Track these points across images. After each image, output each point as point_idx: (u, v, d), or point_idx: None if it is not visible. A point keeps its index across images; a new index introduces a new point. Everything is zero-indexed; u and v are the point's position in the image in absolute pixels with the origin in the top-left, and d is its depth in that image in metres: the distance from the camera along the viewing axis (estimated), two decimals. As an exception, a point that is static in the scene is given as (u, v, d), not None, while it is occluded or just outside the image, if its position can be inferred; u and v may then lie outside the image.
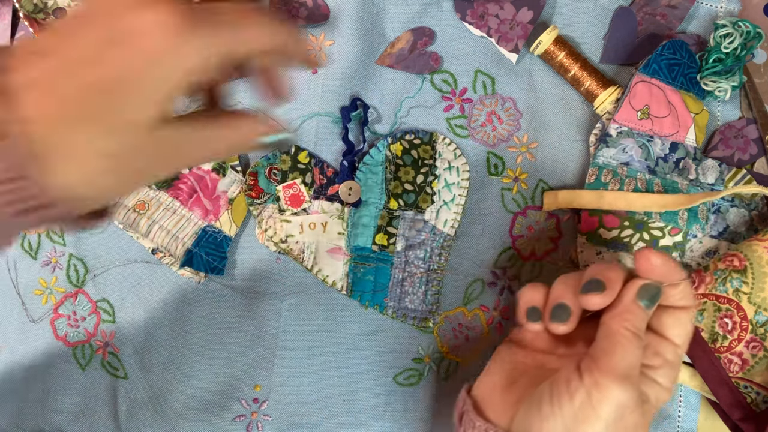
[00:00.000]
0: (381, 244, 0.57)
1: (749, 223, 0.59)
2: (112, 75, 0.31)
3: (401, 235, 0.57)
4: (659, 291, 0.43)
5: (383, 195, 0.57)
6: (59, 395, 0.58)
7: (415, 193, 0.57)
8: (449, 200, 0.58)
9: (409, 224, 0.57)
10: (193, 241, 0.59)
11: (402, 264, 0.57)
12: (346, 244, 0.57)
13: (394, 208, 0.57)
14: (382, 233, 0.57)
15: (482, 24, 0.60)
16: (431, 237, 0.57)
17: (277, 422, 0.59)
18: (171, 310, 0.59)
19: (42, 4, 0.59)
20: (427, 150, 0.58)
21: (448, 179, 0.58)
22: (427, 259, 0.57)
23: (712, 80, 0.59)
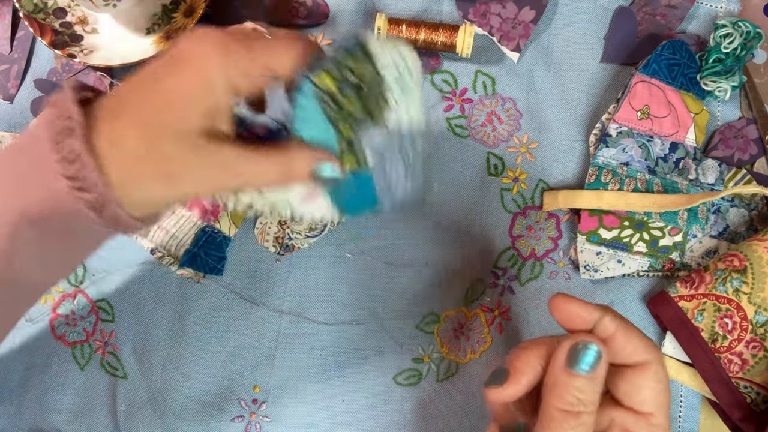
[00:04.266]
0: (353, 168, 0.48)
1: (749, 223, 0.59)
2: (163, 87, 0.38)
3: (367, 146, 0.47)
4: (593, 350, 0.36)
5: (332, 129, 0.47)
6: (58, 395, 0.58)
7: (371, 116, 0.47)
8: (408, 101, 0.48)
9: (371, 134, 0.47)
10: (192, 242, 0.58)
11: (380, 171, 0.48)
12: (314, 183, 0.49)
13: (347, 135, 0.47)
14: (348, 156, 0.47)
15: (484, 22, 0.60)
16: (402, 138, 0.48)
17: (276, 423, 0.58)
18: (170, 311, 0.59)
19: (42, 4, 0.59)
20: (363, 65, 0.46)
21: (399, 81, 0.47)
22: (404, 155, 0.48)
23: (712, 80, 0.59)
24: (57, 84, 0.61)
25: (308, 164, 0.42)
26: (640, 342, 0.37)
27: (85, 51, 0.58)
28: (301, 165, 0.42)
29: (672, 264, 0.59)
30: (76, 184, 0.37)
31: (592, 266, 0.58)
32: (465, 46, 0.58)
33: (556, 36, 0.62)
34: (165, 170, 0.38)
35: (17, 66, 0.61)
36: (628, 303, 0.59)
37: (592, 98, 0.61)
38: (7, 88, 0.61)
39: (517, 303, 0.59)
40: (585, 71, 0.61)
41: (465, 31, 0.58)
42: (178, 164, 0.38)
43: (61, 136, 0.37)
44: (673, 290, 0.57)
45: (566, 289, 0.60)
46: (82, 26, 0.60)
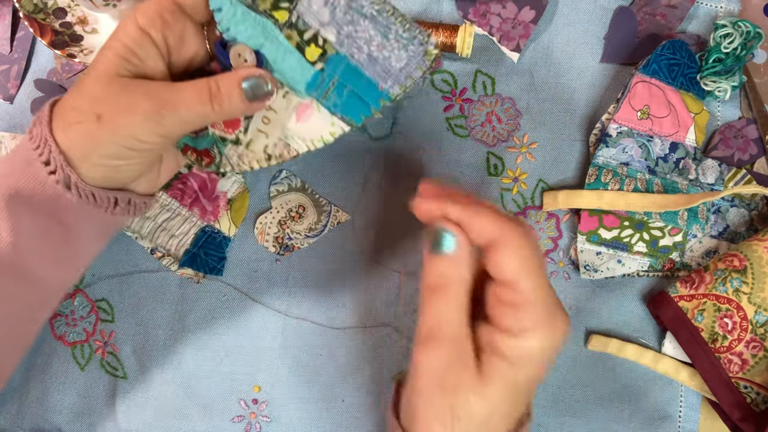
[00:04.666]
0: (320, 56, 0.45)
1: (749, 223, 0.59)
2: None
3: (319, 25, 0.45)
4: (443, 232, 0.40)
5: (263, 20, 0.45)
6: (58, 395, 0.58)
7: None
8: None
9: (313, 9, 0.45)
10: (192, 242, 0.58)
11: (352, 44, 0.45)
12: (299, 97, 0.47)
13: (285, 20, 0.45)
14: (308, 47, 0.45)
15: (484, 22, 0.60)
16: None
17: (276, 423, 0.59)
18: (170, 311, 0.59)
19: (42, 4, 0.59)
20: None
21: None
22: (360, 12, 0.45)
23: (712, 80, 0.59)
24: (57, 84, 0.61)
25: (234, 83, 0.44)
26: (488, 219, 0.40)
27: (85, 51, 0.58)
28: (225, 85, 0.44)
29: (672, 264, 0.59)
30: (49, 168, 0.43)
31: (592, 266, 0.58)
32: (465, 46, 0.58)
33: (556, 36, 0.62)
34: (96, 110, 0.42)
35: (17, 66, 0.61)
36: (628, 303, 0.59)
37: (592, 98, 0.61)
38: (7, 89, 0.61)
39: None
40: (585, 71, 0.61)
41: (465, 31, 0.58)
42: (105, 102, 0.42)
43: (34, 127, 0.44)
44: (673, 290, 0.57)
45: (566, 289, 0.60)
46: (82, 26, 0.60)
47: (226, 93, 0.44)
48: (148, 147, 0.44)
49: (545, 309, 0.39)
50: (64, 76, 0.61)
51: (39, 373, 0.59)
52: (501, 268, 0.39)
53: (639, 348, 0.58)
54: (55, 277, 0.48)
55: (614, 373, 0.58)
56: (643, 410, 0.58)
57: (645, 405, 0.58)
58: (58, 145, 0.43)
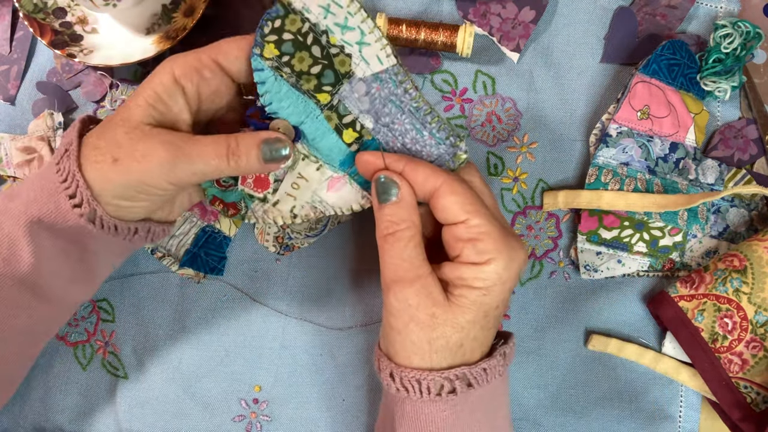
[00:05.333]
0: (356, 138, 0.48)
1: (749, 223, 0.59)
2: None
3: (360, 112, 0.48)
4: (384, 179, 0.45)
5: (306, 99, 0.47)
6: (60, 395, 0.58)
7: (328, 66, 0.47)
8: (360, 39, 0.47)
9: (354, 97, 0.48)
10: (192, 241, 0.58)
11: (388, 133, 0.48)
12: (332, 170, 0.49)
13: (326, 101, 0.48)
14: (345, 130, 0.48)
15: (484, 23, 0.60)
16: (383, 85, 0.48)
17: (277, 423, 0.59)
18: (170, 311, 0.59)
19: (42, 4, 0.59)
20: (295, 20, 0.46)
21: (339, 23, 0.47)
22: (399, 106, 0.48)
23: (712, 80, 0.59)
24: (58, 85, 0.61)
25: (253, 143, 0.45)
26: (427, 170, 0.45)
27: (85, 51, 0.58)
28: (245, 143, 0.45)
29: (672, 264, 0.59)
30: (74, 201, 0.44)
31: (592, 266, 0.58)
32: (465, 46, 0.58)
33: (556, 36, 0.62)
34: (114, 155, 0.44)
35: (17, 66, 0.61)
36: (628, 303, 0.59)
37: (592, 98, 0.61)
38: (7, 89, 0.61)
39: (517, 302, 0.60)
40: (585, 71, 0.61)
41: (465, 31, 0.58)
42: (124, 148, 0.44)
43: (61, 159, 0.45)
44: (673, 290, 0.57)
45: (566, 289, 0.60)
46: (81, 26, 0.59)
47: (244, 151, 0.45)
48: (159, 193, 0.45)
49: (501, 237, 0.43)
50: (64, 76, 0.61)
51: (41, 373, 0.59)
52: (451, 210, 0.44)
53: (639, 348, 0.58)
54: (71, 295, 0.49)
55: (614, 373, 0.59)
56: (643, 410, 0.58)
57: (645, 405, 0.58)
58: (86, 181, 0.44)
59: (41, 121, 0.60)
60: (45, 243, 0.45)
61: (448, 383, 0.44)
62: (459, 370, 0.44)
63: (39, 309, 0.47)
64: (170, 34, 0.58)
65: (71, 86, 0.61)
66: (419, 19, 0.61)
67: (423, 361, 0.44)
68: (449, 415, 0.44)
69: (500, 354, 0.46)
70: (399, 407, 0.46)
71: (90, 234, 0.46)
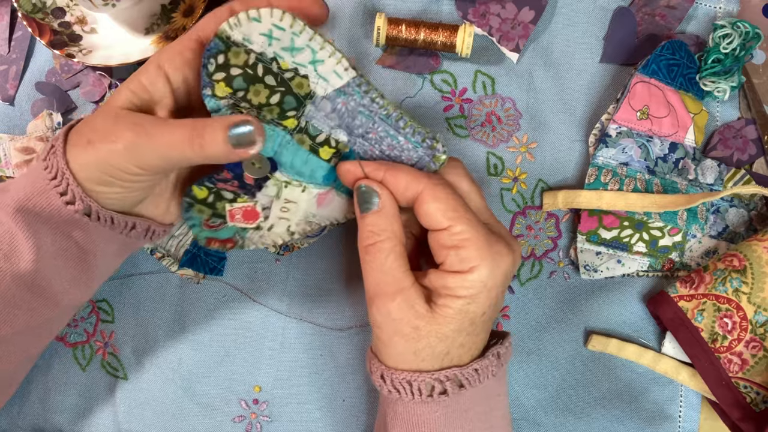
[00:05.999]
0: (333, 153, 0.48)
1: (748, 224, 0.59)
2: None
3: (329, 128, 0.47)
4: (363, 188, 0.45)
5: (273, 128, 0.46)
6: (59, 395, 0.58)
7: (287, 92, 0.46)
8: (312, 58, 0.46)
9: (321, 115, 0.47)
10: (191, 242, 0.58)
11: (364, 143, 0.48)
12: (317, 188, 0.49)
13: (293, 126, 0.47)
14: (321, 148, 0.47)
15: (484, 23, 0.60)
16: (348, 99, 0.47)
17: (277, 423, 0.59)
18: (170, 311, 0.59)
19: (41, 3, 0.58)
20: (238, 53, 0.44)
21: (286, 46, 0.45)
22: (369, 116, 0.47)
23: (711, 81, 0.59)
24: (57, 85, 0.61)
25: (220, 126, 0.42)
26: (407, 177, 0.44)
27: (84, 51, 0.58)
28: (213, 126, 0.42)
29: (672, 264, 0.59)
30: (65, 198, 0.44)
31: (592, 266, 0.58)
32: (464, 46, 0.58)
33: (555, 36, 0.62)
34: (88, 137, 0.43)
35: (16, 66, 0.61)
36: (627, 303, 0.59)
37: (592, 98, 0.61)
38: (6, 89, 0.61)
39: (517, 302, 0.60)
40: (584, 71, 0.61)
41: (464, 31, 0.58)
42: (98, 131, 0.43)
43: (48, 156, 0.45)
44: (673, 290, 0.57)
45: (566, 289, 0.60)
46: (80, 26, 0.59)
47: (210, 133, 0.42)
48: (129, 178, 0.44)
49: (485, 243, 0.43)
50: (63, 76, 0.61)
51: (40, 374, 0.58)
52: (433, 217, 0.43)
53: (639, 348, 0.58)
54: (71, 294, 0.49)
55: (614, 373, 0.59)
56: (643, 410, 0.58)
57: (645, 405, 0.58)
58: (74, 177, 0.44)
59: (40, 122, 0.59)
60: (44, 240, 0.45)
61: (438, 384, 0.44)
62: (450, 372, 0.44)
63: (39, 308, 0.47)
64: (169, 34, 0.58)
65: (70, 86, 0.61)
66: (419, 19, 0.61)
67: (411, 368, 0.44)
68: (441, 415, 0.44)
69: (493, 354, 0.46)
70: (391, 408, 0.46)
71: (86, 228, 0.45)
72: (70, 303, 0.50)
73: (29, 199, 0.44)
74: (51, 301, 0.47)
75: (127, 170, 0.43)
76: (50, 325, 0.50)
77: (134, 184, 0.45)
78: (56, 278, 0.47)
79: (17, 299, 0.45)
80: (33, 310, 0.47)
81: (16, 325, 0.46)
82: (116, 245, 0.49)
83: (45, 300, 0.47)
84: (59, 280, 0.47)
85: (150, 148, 0.42)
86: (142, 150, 0.42)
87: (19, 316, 0.46)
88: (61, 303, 0.48)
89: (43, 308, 0.47)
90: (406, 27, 0.58)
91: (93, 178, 0.44)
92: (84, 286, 0.50)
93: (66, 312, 0.51)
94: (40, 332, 0.50)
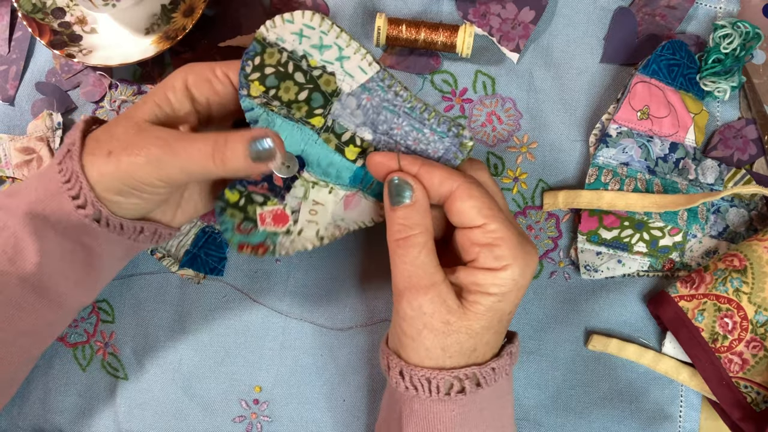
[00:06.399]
0: (359, 153, 0.49)
1: (749, 223, 0.59)
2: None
3: (355, 126, 0.48)
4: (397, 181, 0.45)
5: (301, 127, 0.48)
6: (60, 396, 0.58)
7: (314, 89, 0.48)
8: (338, 55, 0.48)
9: (347, 113, 0.48)
10: (192, 242, 0.58)
11: (389, 140, 0.48)
12: (344, 189, 0.50)
13: (320, 125, 0.48)
14: (347, 147, 0.48)
15: (484, 23, 0.60)
16: (372, 94, 0.48)
17: (277, 423, 0.59)
18: (170, 311, 0.59)
19: (41, 3, 0.58)
20: (273, 53, 0.47)
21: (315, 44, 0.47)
22: (394, 111, 0.48)
23: (712, 81, 0.59)
24: (57, 86, 0.61)
25: (241, 139, 0.43)
26: (442, 173, 0.44)
27: (84, 51, 0.58)
28: (234, 141, 0.43)
29: (672, 264, 0.59)
30: (77, 202, 0.44)
31: (592, 266, 0.58)
32: (465, 46, 0.58)
33: (555, 36, 0.62)
34: (109, 147, 0.44)
35: (15, 66, 0.61)
36: (628, 303, 0.59)
37: (592, 98, 0.61)
38: (6, 89, 0.61)
39: (518, 303, 0.60)
40: (585, 71, 0.61)
41: (465, 31, 0.58)
42: (120, 141, 0.44)
43: (64, 158, 0.45)
44: (673, 290, 0.57)
45: (566, 289, 0.60)
46: (81, 26, 0.59)
47: (231, 148, 0.43)
48: (149, 190, 0.45)
49: (517, 242, 0.43)
50: (63, 77, 0.61)
51: (40, 374, 0.58)
52: (468, 215, 0.43)
53: (639, 348, 0.58)
54: (75, 297, 0.49)
55: (614, 373, 0.59)
56: (644, 410, 0.58)
57: (645, 405, 0.58)
58: (88, 181, 0.44)
59: (40, 122, 0.59)
60: (51, 243, 0.45)
61: (457, 382, 0.44)
62: (469, 370, 0.44)
63: (43, 311, 0.47)
64: (169, 34, 0.58)
65: (70, 86, 0.61)
66: (419, 19, 0.61)
67: (436, 364, 0.44)
68: (458, 414, 0.44)
69: (507, 353, 0.46)
70: (407, 406, 0.46)
71: (95, 233, 0.46)
72: (74, 305, 0.50)
73: (40, 202, 0.45)
74: (55, 303, 0.48)
75: (148, 183, 0.44)
76: (53, 327, 0.51)
77: (152, 196, 0.46)
78: (61, 281, 0.47)
79: (22, 302, 0.46)
80: (37, 312, 0.47)
81: (20, 327, 0.47)
82: (122, 249, 0.50)
83: (49, 303, 0.47)
84: (64, 283, 0.47)
85: (173, 163, 0.44)
86: (165, 164, 0.43)
87: (23, 318, 0.46)
88: (65, 305, 0.49)
89: (47, 311, 0.48)
90: (406, 27, 0.58)
91: (112, 188, 0.45)
92: (88, 289, 0.50)
93: (69, 314, 0.51)
94: (43, 334, 0.50)
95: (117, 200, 0.45)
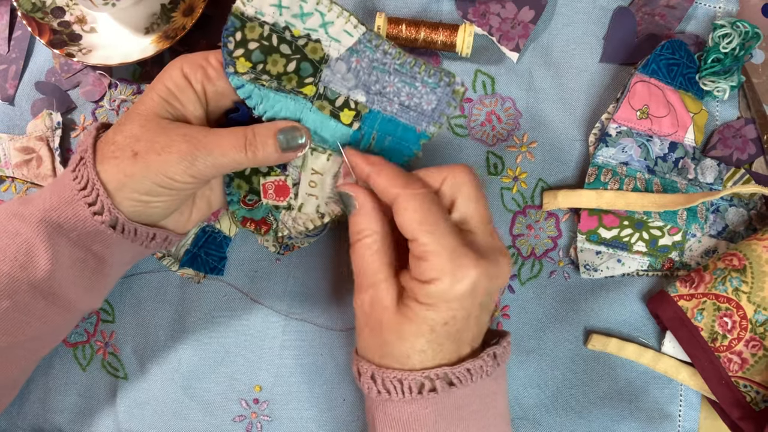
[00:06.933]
0: (354, 117, 0.49)
1: (748, 223, 0.59)
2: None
3: (348, 90, 0.49)
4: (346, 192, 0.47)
5: (294, 97, 0.48)
6: (60, 395, 0.58)
7: (302, 59, 0.48)
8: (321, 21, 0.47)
9: (338, 78, 0.48)
10: (192, 242, 0.58)
11: (383, 99, 0.49)
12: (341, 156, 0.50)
13: (312, 93, 0.48)
14: (341, 112, 0.49)
15: (484, 22, 0.60)
16: (361, 56, 0.48)
17: (277, 423, 0.59)
18: (170, 311, 0.59)
19: (40, 3, 0.58)
20: (253, 27, 0.47)
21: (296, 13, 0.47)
22: (384, 69, 0.48)
23: (711, 80, 0.59)
24: (56, 85, 0.61)
25: (270, 133, 0.46)
26: (386, 180, 0.45)
27: (83, 50, 0.58)
28: (262, 134, 0.46)
29: (671, 263, 0.59)
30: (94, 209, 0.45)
31: (592, 266, 0.58)
32: (465, 46, 0.58)
33: (555, 36, 0.62)
34: (133, 148, 0.45)
35: (15, 66, 0.61)
36: (627, 302, 0.59)
37: (592, 98, 0.61)
38: (6, 89, 0.61)
39: (517, 302, 0.60)
40: (584, 71, 0.61)
41: (465, 30, 0.58)
42: (143, 140, 0.45)
43: (78, 166, 0.45)
44: (673, 289, 0.57)
45: (566, 288, 0.60)
46: (80, 25, 0.59)
47: (261, 141, 0.46)
48: (180, 186, 0.46)
49: (448, 257, 0.42)
50: (63, 76, 0.61)
51: (40, 374, 0.58)
52: (402, 227, 0.44)
53: (639, 347, 0.58)
54: (84, 302, 0.50)
55: (614, 373, 0.59)
56: (643, 410, 0.58)
57: (645, 404, 0.58)
58: (105, 187, 0.45)
59: (40, 121, 0.59)
60: (63, 251, 0.46)
61: (428, 382, 0.44)
62: (440, 370, 0.44)
63: (52, 316, 0.48)
64: (169, 33, 0.58)
65: (70, 86, 0.61)
66: (419, 18, 0.61)
67: (374, 360, 0.46)
68: (431, 412, 0.44)
69: (488, 355, 0.46)
70: (380, 411, 0.46)
71: (108, 240, 0.46)
72: (82, 310, 0.50)
73: (54, 210, 0.45)
74: (64, 308, 0.48)
75: (180, 179, 0.45)
76: (60, 331, 0.51)
77: (181, 192, 0.47)
78: (71, 287, 0.47)
79: (32, 308, 0.46)
80: (46, 317, 0.47)
81: (29, 332, 0.47)
82: (131, 255, 0.50)
83: (58, 308, 0.48)
84: (74, 289, 0.48)
85: (205, 159, 0.45)
86: (197, 160, 0.45)
87: (31, 323, 0.47)
88: (73, 311, 0.49)
89: (55, 316, 0.48)
90: (406, 26, 0.58)
91: (141, 188, 0.45)
92: (97, 294, 0.50)
93: (76, 318, 0.51)
94: (49, 337, 0.51)
95: (146, 200, 0.46)
